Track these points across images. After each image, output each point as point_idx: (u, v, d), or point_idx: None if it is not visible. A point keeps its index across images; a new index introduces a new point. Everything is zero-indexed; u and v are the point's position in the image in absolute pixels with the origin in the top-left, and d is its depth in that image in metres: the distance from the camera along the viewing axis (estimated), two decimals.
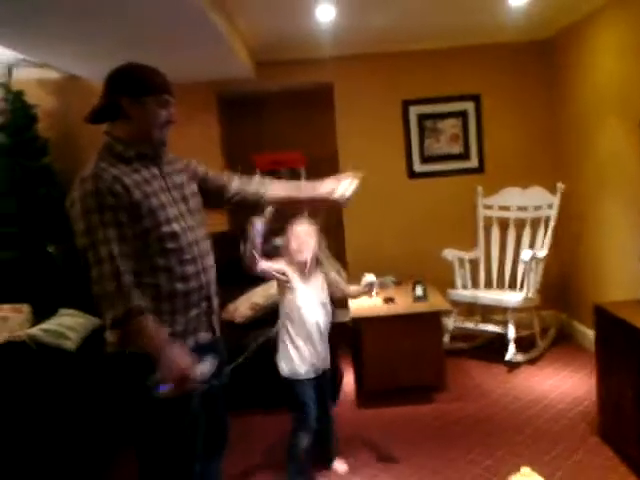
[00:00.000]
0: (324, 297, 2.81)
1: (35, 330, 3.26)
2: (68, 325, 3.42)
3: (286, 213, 2.51)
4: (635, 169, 3.24)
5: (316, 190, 2.24)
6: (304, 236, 2.73)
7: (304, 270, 2.74)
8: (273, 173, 5.45)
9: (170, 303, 1.87)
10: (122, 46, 3.35)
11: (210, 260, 2.04)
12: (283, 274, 2.70)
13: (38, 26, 2.98)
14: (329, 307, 2.85)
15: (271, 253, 2.71)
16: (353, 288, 2.99)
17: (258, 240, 2.46)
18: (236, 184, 2.18)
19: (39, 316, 3.54)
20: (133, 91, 1.87)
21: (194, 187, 2.06)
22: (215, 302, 2.05)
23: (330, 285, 2.86)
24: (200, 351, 1.92)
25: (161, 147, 1.96)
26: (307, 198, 2.26)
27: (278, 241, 2.15)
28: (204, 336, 1.99)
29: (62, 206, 1.85)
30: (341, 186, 2.21)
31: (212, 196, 2.13)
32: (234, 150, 5.37)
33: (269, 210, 2.37)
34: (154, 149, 1.94)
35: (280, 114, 5.63)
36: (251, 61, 4.45)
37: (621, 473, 2.73)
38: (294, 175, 5.35)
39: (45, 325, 3.35)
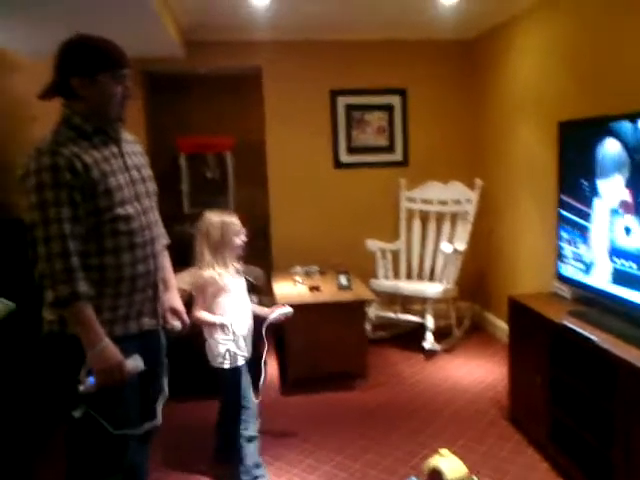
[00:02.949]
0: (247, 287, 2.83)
1: None
2: None
3: None
4: (548, 170, 3.43)
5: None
6: (232, 221, 2.70)
7: (239, 258, 2.74)
8: (198, 157, 5.37)
9: (115, 287, 1.82)
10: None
11: (160, 245, 2.01)
12: (221, 324, 2.64)
13: None
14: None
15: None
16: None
17: None
18: None
19: None
20: (84, 70, 1.78)
21: (150, 172, 2.02)
22: (161, 288, 2.02)
23: None
24: (142, 338, 1.91)
25: (118, 124, 1.90)
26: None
27: None
28: (148, 322, 1.95)
29: None
30: None
31: None
32: (159, 133, 5.21)
33: None
34: (112, 126, 1.88)
35: (209, 98, 5.53)
36: (180, 39, 4.32)
37: (529, 455, 2.91)
38: (221, 160, 5.28)
39: None
